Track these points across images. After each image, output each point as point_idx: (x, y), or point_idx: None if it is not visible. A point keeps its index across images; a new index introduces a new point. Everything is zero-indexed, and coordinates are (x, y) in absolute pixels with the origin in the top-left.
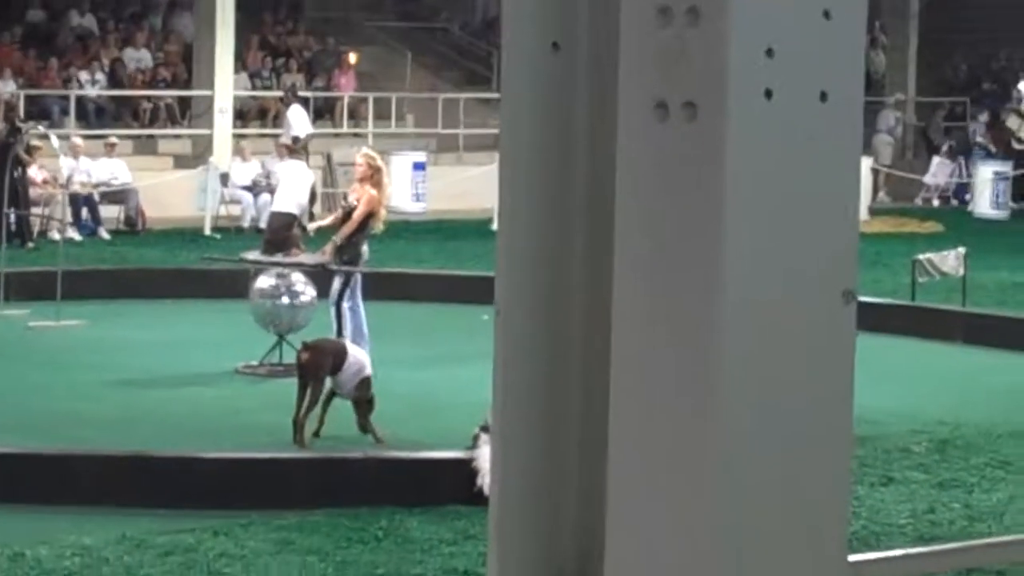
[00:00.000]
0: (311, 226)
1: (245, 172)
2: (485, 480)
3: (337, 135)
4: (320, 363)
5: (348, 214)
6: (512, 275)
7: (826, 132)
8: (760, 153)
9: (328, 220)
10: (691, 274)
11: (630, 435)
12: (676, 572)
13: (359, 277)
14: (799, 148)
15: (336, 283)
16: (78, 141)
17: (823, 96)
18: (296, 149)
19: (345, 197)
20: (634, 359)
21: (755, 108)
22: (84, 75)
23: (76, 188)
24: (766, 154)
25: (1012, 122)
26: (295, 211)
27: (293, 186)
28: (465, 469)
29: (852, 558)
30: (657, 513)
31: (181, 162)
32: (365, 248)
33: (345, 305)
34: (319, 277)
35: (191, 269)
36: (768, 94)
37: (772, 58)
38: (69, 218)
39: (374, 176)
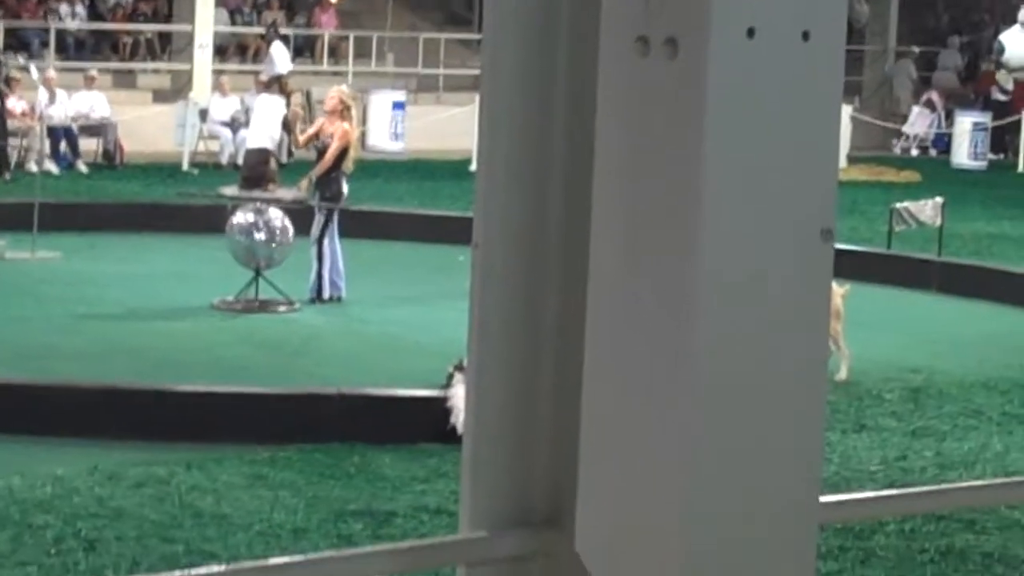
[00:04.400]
0: (305, 134)
1: (224, 108)
2: (459, 419)
3: (317, 73)
4: None
5: (322, 152)
6: (490, 211)
7: (808, 71)
8: (741, 91)
9: (311, 130)
10: (669, 210)
11: (605, 374)
12: (648, 512)
13: (336, 214)
14: (780, 87)
15: (318, 220)
16: (52, 74)
17: (805, 35)
18: (269, 84)
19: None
20: (611, 295)
21: (737, 46)
22: (64, 8)
23: (54, 120)
24: (747, 92)
25: (1001, 76)
26: (269, 146)
27: (266, 121)
28: (439, 407)
29: (824, 499)
30: (630, 453)
31: (160, 97)
32: (345, 186)
33: (326, 242)
34: (297, 213)
35: (169, 204)
36: (750, 32)
37: None
38: (47, 150)
39: (344, 112)
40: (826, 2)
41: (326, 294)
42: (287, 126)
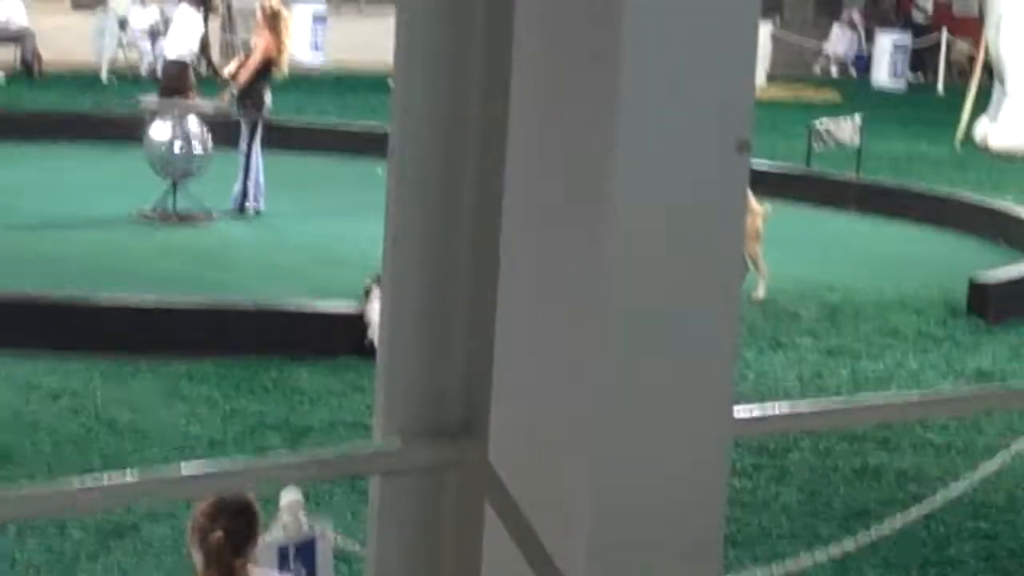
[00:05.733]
0: (228, 69)
1: (144, 17)
2: (375, 333)
3: None
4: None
5: (243, 65)
6: (406, 123)
7: None
8: (657, 1)
9: (233, 65)
10: (586, 114)
11: (518, 285)
12: (560, 425)
13: (261, 126)
14: None
15: (244, 132)
16: None
17: None
18: None
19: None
20: (524, 200)
21: None
22: None
23: None
24: (663, 2)
25: None
26: (187, 56)
27: (183, 32)
28: (356, 321)
29: (737, 411)
30: (542, 366)
31: (79, 5)
32: (268, 96)
33: (254, 156)
34: (216, 125)
35: (88, 113)
36: None
37: None
38: None
39: (270, 23)
40: None
41: (249, 206)
42: (204, 47)
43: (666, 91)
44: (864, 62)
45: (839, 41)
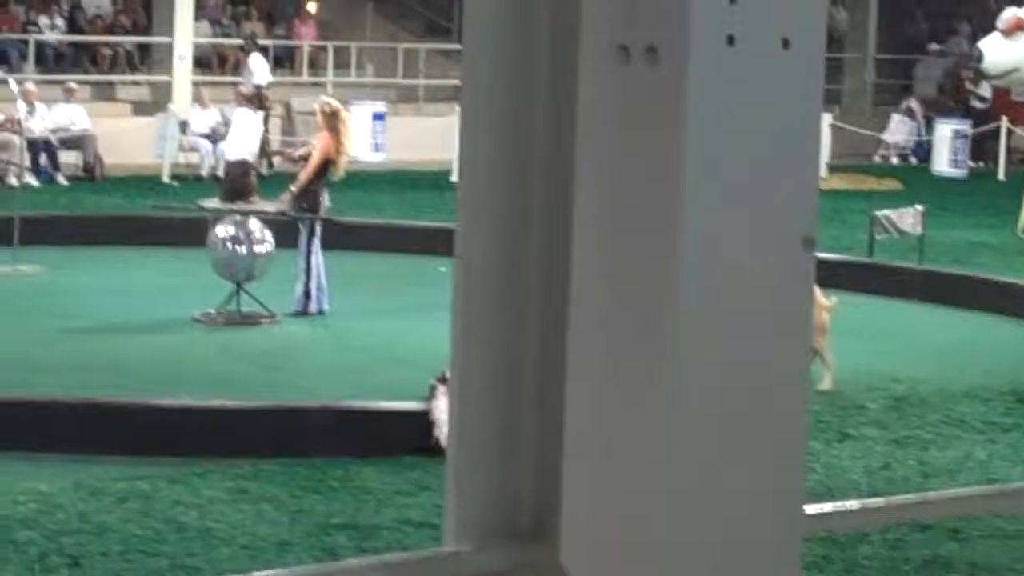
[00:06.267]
0: (300, 152)
1: (204, 120)
2: (441, 431)
3: (297, 84)
4: None
5: (305, 158)
6: (472, 224)
7: (788, 79)
8: (721, 99)
9: (299, 152)
10: (651, 218)
11: (587, 389)
12: (633, 526)
13: (319, 226)
14: (761, 95)
15: (302, 233)
16: (31, 87)
17: (785, 43)
18: (249, 97)
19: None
20: (592, 303)
21: (717, 54)
22: (43, 20)
23: (32, 134)
24: (728, 100)
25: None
26: (249, 158)
27: (243, 134)
28: (422, 420)
29: (809, 509)
30: (614, 465)
31: (140, 109)
32: (325, 197)
33: (313, 256)
34: (278, 226)
35: (149, 216)
36: (730, 40)
37: (734, 4)
38: (27, 163)
39: (328, 122)
40: (806, 10)
41: (312, 308)
42: (264, 148)
43: (731, 190)
44: (924, 150)
45: (898, 130)
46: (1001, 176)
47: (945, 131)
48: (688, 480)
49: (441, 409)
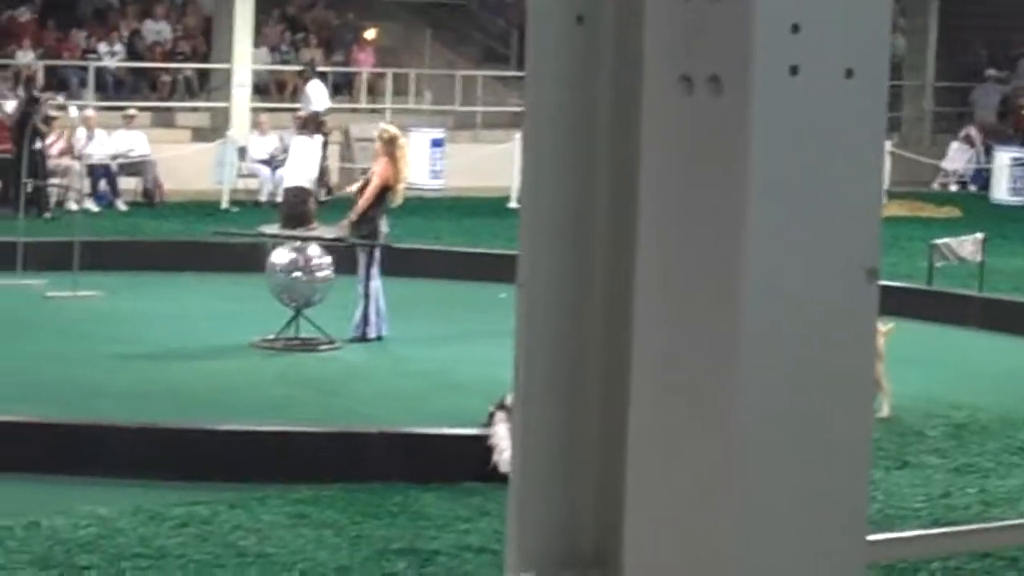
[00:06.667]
0: (353, 188)
1: (263, 146)
2: (500, 457)
3: (355, 110)
4: None
5: (363, 189)
6: (534, 251)
7: (851, 109)
8: (785, 129)
9: (355, 187)
10: (714, 250)
11: (650, 415)
12: (696, 553)
13: (378, 252)
14: (824, 124)
15: (361, 259)
16: (90, 113)
17: (849, 73)
18: (307, 122)
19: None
20: (655, 336)
21: (780, 84)
22: (103, 47)
23: (92, 159)
24: (791, 130)
25: None
26: (307, 184)
27: (301, 160)
28: (481, 446)
29: (871, 538)
30: (677, 492)
31: (199, 135)
32: (384, 223)
33: (373, 282)
34: (336, 252)
35: (208, 242)
36: (793, 70)
37: (798, 34)
38: (87, 189)
39: (386, 149)
40: (869, 39)
41: (371, 333)
42: (323, 175)
43: (794, 221)
44: (983, 178)
45: (957, 157)
46: None
47: (1004, 159)
48: (753, 508)
49: (500, 435)
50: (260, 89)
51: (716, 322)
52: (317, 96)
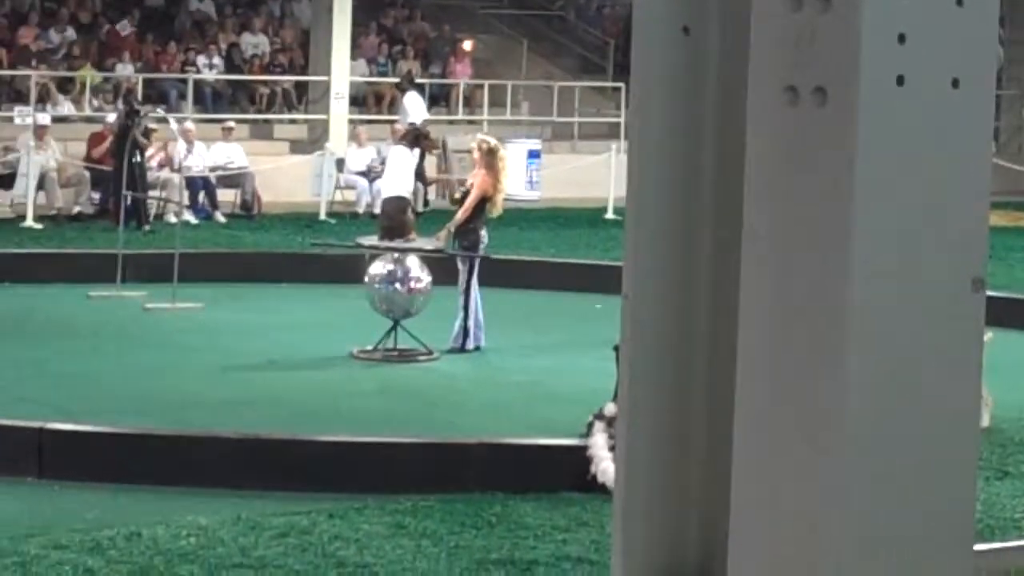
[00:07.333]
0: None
1: (360, 158)
2: (599, 467)
3: (452, 122)
4: None
5: (462, 200)
6: (640, 261)
7: (957, 119)
8: (891, 139)
9: (458, 195)
10: (820, 260)
11: (756, 426)
12: (802, 565)
13: (477, 263)
14: (930, 134)
15: (462, 270)
16: (189, 126)
17: (955, 83)
18: (404, 134)
19: (462, 183)
20: (761, 347)
21: (886, 94)
22: (202, 60)
23: (191, 172)
24: (897, 140)
25: None
26: (405, 195)
27: (399, 172)
28: (579, 456)
29: (977, 547)
30: (782, 505)
31: (297, 147)
32: (484, 233)
33: (472, 293)
34: (435, 263)
35: (307, 253)
36: (900, 80)
37: (904, 44)
38: (186, 201)
39: (485, 160)
40: (975, 49)
41: (470, 344)
42: (422, 177)
43: (900, 232)
44: None
45: None
46: None
47: None
48: (860, 522)
49: (599, 445)
50: (357, 101)
51: (823, 335)
52: (414, 108)
